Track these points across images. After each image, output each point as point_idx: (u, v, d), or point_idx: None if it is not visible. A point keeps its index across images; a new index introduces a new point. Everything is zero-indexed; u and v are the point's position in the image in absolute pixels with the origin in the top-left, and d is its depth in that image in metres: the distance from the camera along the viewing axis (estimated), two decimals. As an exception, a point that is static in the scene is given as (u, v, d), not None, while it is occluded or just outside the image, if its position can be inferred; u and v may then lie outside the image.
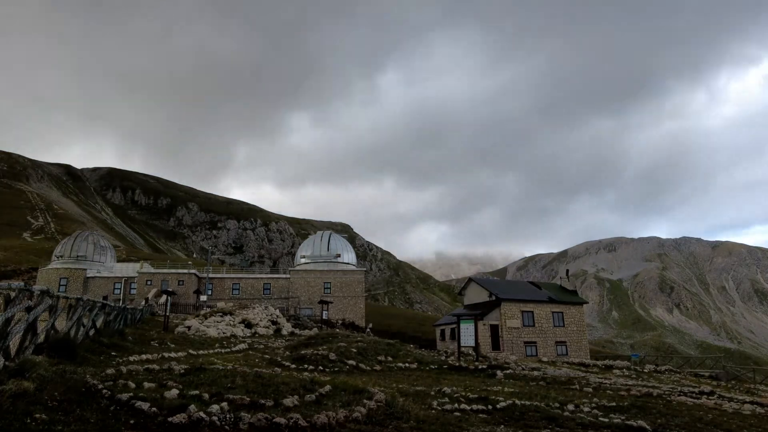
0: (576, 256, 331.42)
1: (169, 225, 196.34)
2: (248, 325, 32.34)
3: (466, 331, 25.90)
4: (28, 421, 6.10)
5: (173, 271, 64.52)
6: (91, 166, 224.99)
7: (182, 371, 11.12)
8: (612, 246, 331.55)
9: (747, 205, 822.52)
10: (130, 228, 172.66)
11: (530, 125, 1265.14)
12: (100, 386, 8.19)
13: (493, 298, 48.93)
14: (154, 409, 7.23)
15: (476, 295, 52.42)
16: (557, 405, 11.96)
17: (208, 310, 39.23)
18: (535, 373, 21.30)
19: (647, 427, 10.00)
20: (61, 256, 65.58)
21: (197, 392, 8.57)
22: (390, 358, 21.22)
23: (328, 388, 10.09)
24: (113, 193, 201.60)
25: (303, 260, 68.32)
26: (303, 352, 20.14)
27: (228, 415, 7.23)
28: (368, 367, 18.77)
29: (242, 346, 23.22)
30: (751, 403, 15.92)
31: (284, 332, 33.09)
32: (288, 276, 65.96)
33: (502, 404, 11.19)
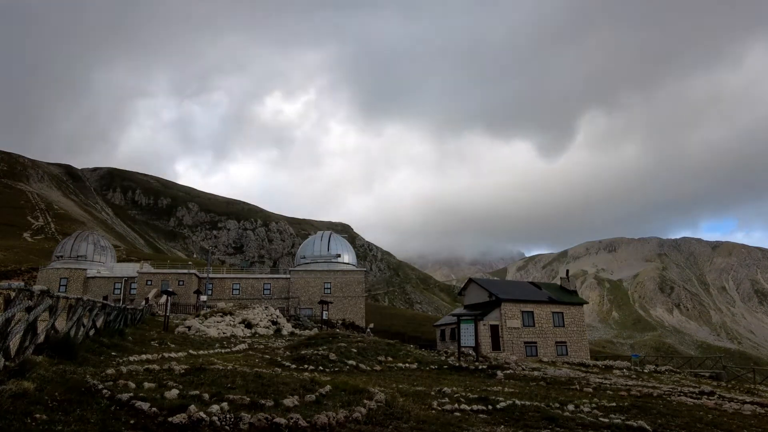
0: (576, 257, 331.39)
1: (169, 225, 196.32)
2: (248, 325, 32.33)
3: (466, 331, 25.89)
4: (28, 421, 6.10)
5: (173, 271, 64.50)
6: (91, 166, 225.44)
7: (182, 371, 11.11)
8: (612, 246, 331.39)
9: None
10: (130, 228, 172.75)
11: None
12: (100, 386, 8.19)
13: (493, 298, 48.93)
14: (154, 409, 7.24)
15: (476, 296, 52.42)
16: (557, 405, 11.96)
17: (209, 310, 39.22)
18: (535, 373, 21.31)
19: (647, 427, 9.99)
20: (61, 256, 65.58)
21: (197, 392, 8.57)
22: (390, 358, 21.22)
23: (328, 388, 10.09)
24: (113, 193, 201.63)
25: (303, 260, 68.32)
26: (303, 352, 20.14)
27: (228, 415, 7.23)
28: (368, 367, 18.76)
29: (242, 346, 23.20)
30: (752, 403, 15.92)
31: (284, 332, 33.08)
32: (288, 276, 65.95)
33: (502, 404, 11.19)
